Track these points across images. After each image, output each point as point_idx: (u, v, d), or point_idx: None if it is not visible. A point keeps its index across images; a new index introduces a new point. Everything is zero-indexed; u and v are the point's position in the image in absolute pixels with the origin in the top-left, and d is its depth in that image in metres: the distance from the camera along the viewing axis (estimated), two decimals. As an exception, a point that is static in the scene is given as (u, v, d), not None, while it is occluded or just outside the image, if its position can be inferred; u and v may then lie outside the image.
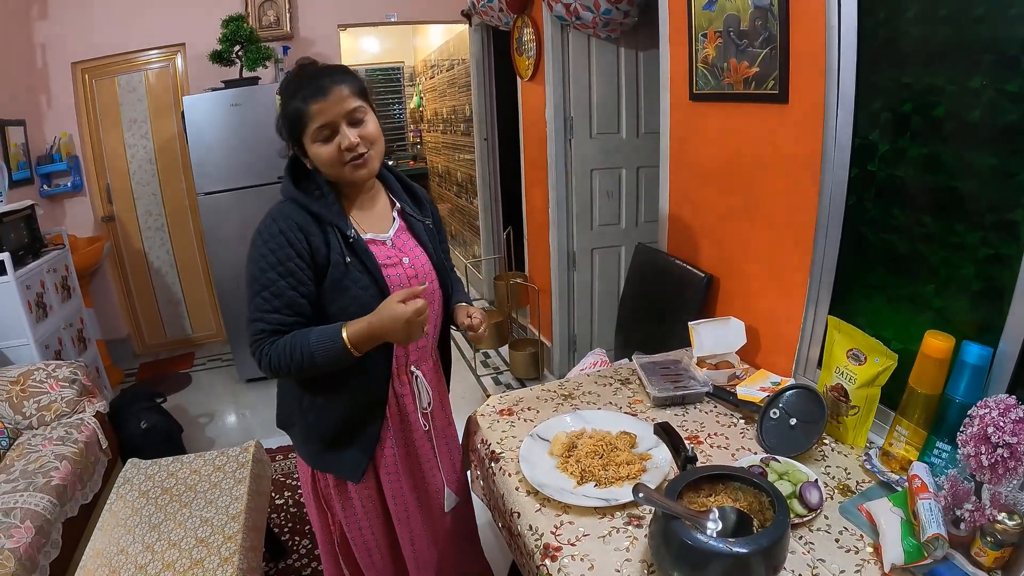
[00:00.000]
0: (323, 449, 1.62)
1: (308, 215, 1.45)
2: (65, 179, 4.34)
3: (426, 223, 1.68)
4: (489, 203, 5.33)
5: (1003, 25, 1.30)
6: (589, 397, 1.93)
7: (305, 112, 1.40)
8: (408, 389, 1.66)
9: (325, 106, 1.39)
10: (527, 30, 3.68)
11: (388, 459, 1.66)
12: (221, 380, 4.45)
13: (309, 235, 1.43)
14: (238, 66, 4.04)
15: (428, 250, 1.64)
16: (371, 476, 1.66)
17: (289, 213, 1.45)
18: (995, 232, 1.38)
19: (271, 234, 1.43)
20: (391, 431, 1.65)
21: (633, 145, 3.61)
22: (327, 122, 1.40)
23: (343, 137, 1.41)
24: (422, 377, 1.67)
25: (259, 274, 1.43)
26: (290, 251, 1.41)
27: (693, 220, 2.46)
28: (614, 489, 1.44)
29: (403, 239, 1.62)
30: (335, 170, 1.45)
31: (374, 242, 1.55)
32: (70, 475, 2.37)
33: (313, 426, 1.61)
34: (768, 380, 1.85)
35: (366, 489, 1.66)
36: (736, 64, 2.03)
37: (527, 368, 4.05)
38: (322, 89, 1.39)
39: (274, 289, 1.42)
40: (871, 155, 1.65)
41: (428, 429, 1.72)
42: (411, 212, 1.66)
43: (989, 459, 1.14)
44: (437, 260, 1.66)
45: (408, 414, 1.68)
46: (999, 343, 1.36)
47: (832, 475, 1.49)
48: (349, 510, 1.68)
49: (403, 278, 1.55)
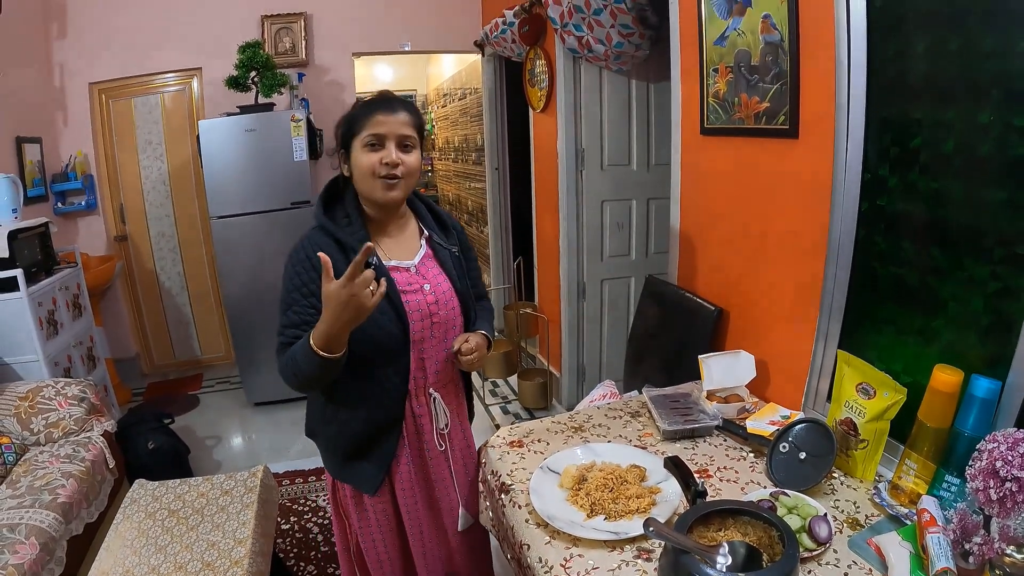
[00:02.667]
0: (342, 460, 1.71)
1: (334, 241, 1.56)
2: (79, 197, 4.40)
3: (452, 251, 1.74)
4: (500, 232, 5.35)
5: (1012, 60, 1.32)
6: (599, 430, 1.93)
7: (368, 118, 1.53)
8: (426, 410, 1.71)
9: (386, 120, 1.52)
10: (539, 62, 3.73)
11: (403, 475, 1.71)
12: (229, 403, 4.45)
13: (333, 260, 1.46)
14: (254, 92, 4.09)
15: (452, 277, 1.70)
16: (387, 490, 1.72)
17: (316, 240, 1.56)
18: (1004, 266, 1.38)
19: (299, 259, 1.55)
20: (407, 448, 1.71)
21: (644, 177, 3.64)
22: (381, 133, 1.52)
23: (388, 153, 1.52)
24: (440, 399, 1.72)
25: (285, 294, 1.56)
26: (313, 274, 1.51)
27: (703, 253, 2.47)
28: (624, 522, 1.43)
29: (428, 266, 1.68)
30: (368, 182, 1.55)
31: (396, 268, 1.62)
32: (76, 493, 2.37)
33: (333, 438, 1.70)
34: (778, 414, 1.85)
35: (381, 503, 1.73)
36: (747, 99, 2.06)
37: (536, 398, 4.05)
38: (391, 106, 1.54)
39: (296, 308, 1.54)
40: (881, 189, 1.66)
41: (445, 449, 1.77)
42: (438, 240, 1.72)
43: (998, 493, 1.14)
44: (461, 287, 1.71)
45: (424, 433, 1.73)
46: (1008, 376, 1.36)
47: (841, 509, 1.48)
48: (364, 521, 1.75)
49: (422, 304, 1.62)
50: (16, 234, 3.12)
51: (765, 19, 1.92)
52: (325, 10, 4.65)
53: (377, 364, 1.61)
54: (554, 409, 4.05)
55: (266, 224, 4.03)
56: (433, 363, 1.69)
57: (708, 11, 2.18)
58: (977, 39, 1.38)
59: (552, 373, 4.15)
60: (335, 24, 4.68)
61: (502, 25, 3.88)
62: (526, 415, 4.07)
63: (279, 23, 4.56)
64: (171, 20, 4.40)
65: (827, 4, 1.69)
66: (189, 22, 4.43)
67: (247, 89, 4.08)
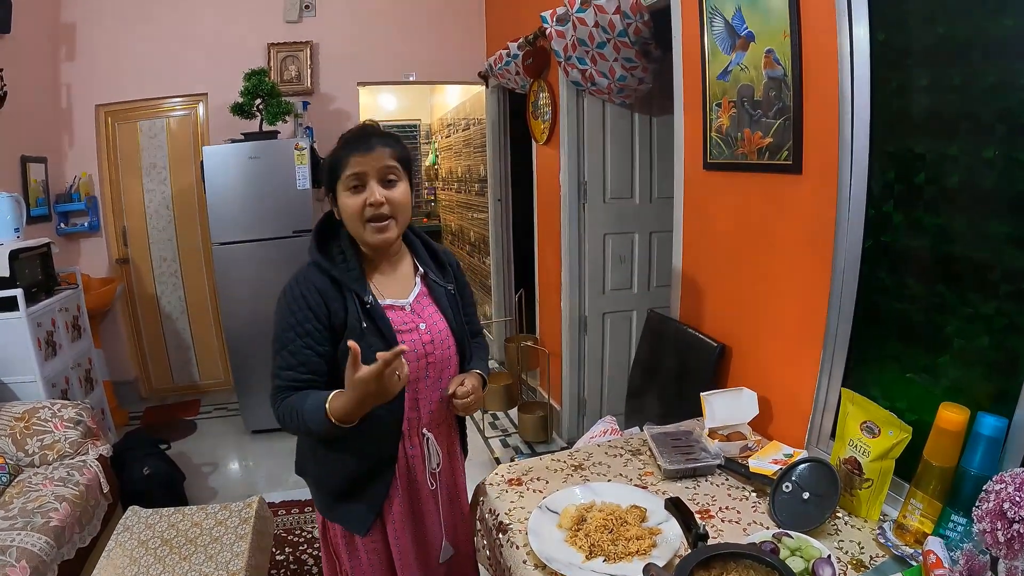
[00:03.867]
0: (333, 500, 1.65)
1: (328, 279, 1.53)
2: (82, 219, 4.42)
3: (448, 289, 1.72)
4: (501, 264, 5.36)
5: (1015, 94, 1.33)
6: (599, 468, 1.91)
7: (345, 160, 1.50)
8: (419, 451, 1.68)
9: (363, 159, 1.49)
10: (543, 94, 3.76)
11: (396, 515, 1.66)
12: (227, 430, 4.42)
13: (328, 299, 1.51)
14: (258, 119, 4.12)
15: (447, 316, 1.68)
16: (378, 531, 1.67)
17: (311, 277, 1.53)
18: (1010, 301, 1.37)
19: (293, 297, 1.52)
20: (399, 489, 1.66)
21: (646, 210, 3.65)
22: (359, 172, 1.49)
23: (370, 192, 1.49)
24: (433, 440, 1.68)
25: (280, 333, 1.52)
26: (308, 313, 1.49)
27: (706, 288, 2.47)
28: (623, 564, 1.41)
29: (423, 304, 1.65)
30: (356, 225, 1.52)
31: (392, 308, 1.59)
32: (69, 517, 2.35)
33: (324, 478, 1.66)
34: (781, 452, 1.83)
35: (373, 543, 1.67)
36: (750, 134, 2.07)
37: (536, 431, 4.01)
38: (366, 144, 1.50)
39: (291, 348, 1.50)
40: (885, 225, 1.66)
41: (435, 488, 1.73)
42: (434, 278, 1.70)
43: (1005, 535, 1.12)
44: (456, 326, 1.69)
45: (417, 474, 1.69)
46: (1015, 413, 1.35)
47: (845, 550, 1.46)
48: (355, 561, 1.69)
49: (418, 343, 1.59)
50: (17, 254, 3.13)
51: (768, 54, 1.93)
52: (331, 40, 4.71)
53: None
54: (554, 442, 4.02)
55: (268, 252, 4.03)
56: (427, 403, 1.66)
57: (711, 45, 2.20)
58: (980, 73, 1.40)
59: (553, 406, 4.12)
60: (340, 53, 4.74)
61: (506, 57, 3.92)
62: (526, 448, 4.03)
63: (285, 51, 4.62)
64: (179, 45, 4.46)
65: (830, 39, 1.71)
66: (197, 48, 4.49)
67: (252, 116, 4.12)
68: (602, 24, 2.77)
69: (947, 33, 1.46)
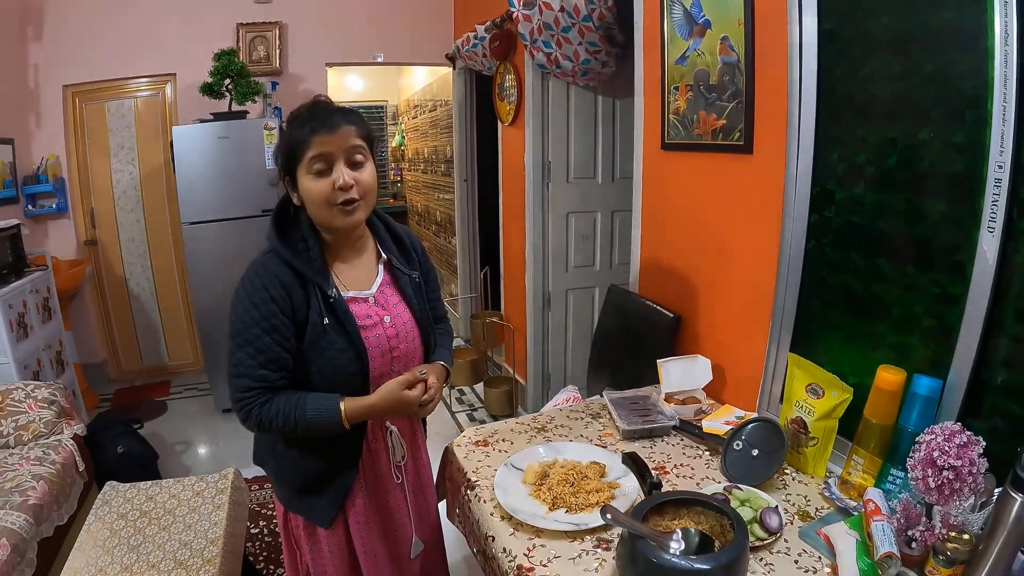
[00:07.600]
0: (295, 493, 1.59)
1: (291, 270, 1.43)
2: (50, 200, 4.37)
3: (413, 276, 1.64)
4: (467, 243, 5.41)
5: (950, 81, 1.42)
6: (561, 430, 1.99)
7: (307, 140, 1.38)
8: (382, 444, 1.62)
9: (327, 139, 1.38)
10: (509, 76, 3.82)
11: (359, 509, 1.61)
12: (197, 409, 4.44)
13: (291, 291, 1.42)
14: (227, 99, 4.12)
15: (412, 306, 1.60)
16: (340, 523, 1.61)
17: (272, 268, 1.43)
18: (944, 273, 1.47)
19: (254, 288, 1.41)
20: (363, 483, 1.61)
21: (608, 190, 3.74)
22: (325, 153, 1.38)
23: (339, 174, 1.39)
24: (397, 432, 1.63)
25: (243, 329, 1.41)
26: (274, 307, 1.40)
27: (663, 263, 2.56)
28: (584, 515, 1.49)
29: (387, 294, 1.58)
30: (323, 211, 1.43)
31: (355, 300, 1.51)
32: (47, 495, 2.38)
33: (285, 472, 1.58)
34: (732, 414, 1.93)
35: (334, 536, 1.61)
36: (705, 116, 2.16)
37: (501, 405, 4.10)
38: (330, 123, 1.39)
39: (259, 345, 1.40)
40: (829, 202, 1.75)
41: (401, 481, 1.68)
42: (398, 265, 1.61)
43: (936, 481, 1.22)
44: (421, 315, 1.61)
45: (381, 467, 1.64)
46: (948, 375, 1.45)
47: (792, 502, 1.57)
48: (316, 553, 1.63)
49: (382, 339, 1.52)
50: (-14, 235, 3.12)
51: (723, 41, 2.03)
52: (300, 20, 4.70)
53: None
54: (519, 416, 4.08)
55: (237, 231, 4.04)
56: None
57: (671, 32, 2.29)
58: (919, 62, 1.49)
59: (518, 381, 4.21)
60: (309, 34, 4.73)
61: (473, 39, 3.95)
62: (492, 422, 4.09)
63: (254, 31, 4.59)
64: (147, 25, 4.40)
65: (781, 28, 1.80)
66: (165, 28, 4.44)
67: (221, 96, 4.11)
68: (567, 9, 2.84)
69: (890, 24, 1.55)
